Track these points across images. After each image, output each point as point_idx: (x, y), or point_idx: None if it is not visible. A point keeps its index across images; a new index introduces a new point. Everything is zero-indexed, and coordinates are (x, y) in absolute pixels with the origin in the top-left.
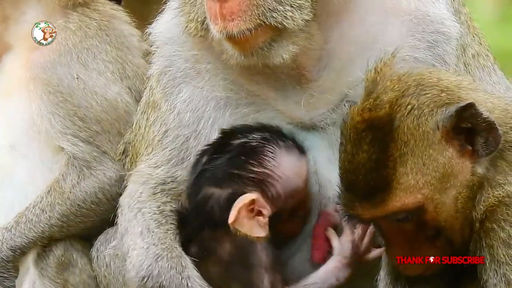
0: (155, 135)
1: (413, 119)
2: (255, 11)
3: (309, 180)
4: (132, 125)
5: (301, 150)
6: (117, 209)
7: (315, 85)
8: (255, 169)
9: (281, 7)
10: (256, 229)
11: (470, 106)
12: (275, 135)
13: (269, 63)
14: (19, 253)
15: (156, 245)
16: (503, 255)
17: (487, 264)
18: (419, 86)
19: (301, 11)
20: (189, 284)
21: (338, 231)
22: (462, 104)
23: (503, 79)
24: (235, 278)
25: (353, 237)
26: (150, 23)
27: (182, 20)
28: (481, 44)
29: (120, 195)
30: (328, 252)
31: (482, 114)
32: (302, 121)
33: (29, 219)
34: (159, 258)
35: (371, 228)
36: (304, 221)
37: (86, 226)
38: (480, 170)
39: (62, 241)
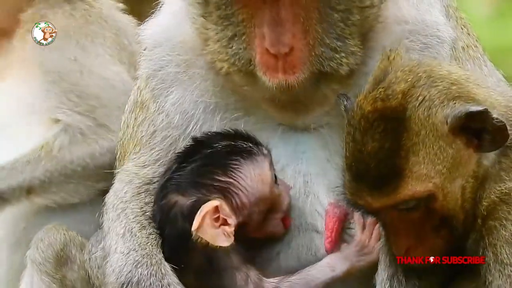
0: (143, 135)
1: (424, 110)
2: (314, 62)
3: (274, 182)
4: (121, 124)
5: (264, 154)
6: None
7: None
8: (219, 178)
9: (337, 55)
10: (219, 238)
11: (483, 112)
12: (242, 143)
13: (308, 101)
14: None
15: (137, 251)
16: (507, 255)
17: (491, 265)
18: (430, 78)
19: (354, 56)
20: None
21: (346, 223)
22: (473, 109)
23: (493, 71)
24: (209, 286)
25: (360, 237)
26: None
27: (209, 58)
28: (469, 34)
29: (110, 167)
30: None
31: (494, 119)
32: (295, 123)
33: (13, 167)
34: (139, 265)
35: (377, 228)
36: (284, 220)
37: (67, 189)
38: (486, 162)
39: (61, 236)
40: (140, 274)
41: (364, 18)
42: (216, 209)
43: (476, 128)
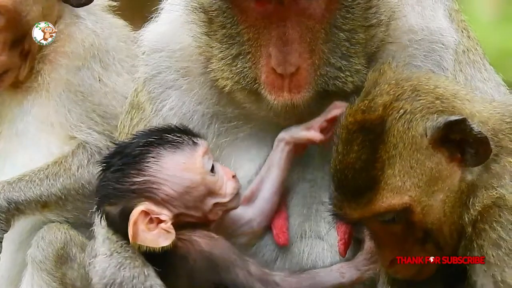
0: None
1: (404, 123)
2: (319, 81)
3: (210, 170)
4: (117, 124)
5: (194, 142)
6: None
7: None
8: (136, 179)
9: (342, 74)
10: (160, 239)
11: (461, 121)
12: (161, 135)
13: (311, 117)
14: (14, 207)
15: (119, 253)
16: (493, 256)
17: (477, 265)
18: (415, 92)
19: (359, 75)
20: None
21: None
22: (452, 118)
23: (493, 74)
24: (203, 285)
25: (369, 244)
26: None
27: (212, 76)
28: (469, 37)
29: None
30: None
31: (473, 129)
32: None
33: (32, 179)
34: (122, 267)
35: None
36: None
37: (82, 208)
38: (469, 177)
39: (62, 235)
40: (123, 276)
41: (370, 37)
42: (145, 212)
43: (456, 140)
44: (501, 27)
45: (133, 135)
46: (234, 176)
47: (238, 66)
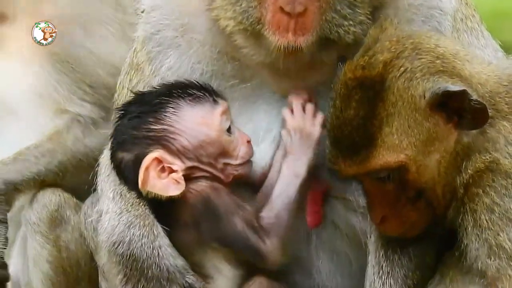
0: None
1: (404, 81)
2: (323, 26)
3: (227, 130)
4: (116, 85)
5: (215, 101)
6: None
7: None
8: (153, 126)
9: (346, 22)
10: (169, 187)
11: (461, 93)
12: (183, 88)
13: (306, 68)
14: (12, 187)
15: (129, 211)
16: (486, 220)
17: (469, 229)
18: (415, 50)
19: (361, 26)
20: (160, 254)
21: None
22: (451, 89)
23: (490, 40)
24: (208, 236)
25: (292, 123)
26: None
27: (214, 15)
28: (467, 4)
29: None
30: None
31: (472, 100)
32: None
33: (27, 158)
34: (132, 226)
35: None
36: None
37: (80, 179)
38: (465, 139)
39: (56, 197)
40: (132, 235)
41: None
42: (158, 160)
43: (455, 107)
44: None
45: (153, 87)
46: (249, 142)
47: (243, 5)
